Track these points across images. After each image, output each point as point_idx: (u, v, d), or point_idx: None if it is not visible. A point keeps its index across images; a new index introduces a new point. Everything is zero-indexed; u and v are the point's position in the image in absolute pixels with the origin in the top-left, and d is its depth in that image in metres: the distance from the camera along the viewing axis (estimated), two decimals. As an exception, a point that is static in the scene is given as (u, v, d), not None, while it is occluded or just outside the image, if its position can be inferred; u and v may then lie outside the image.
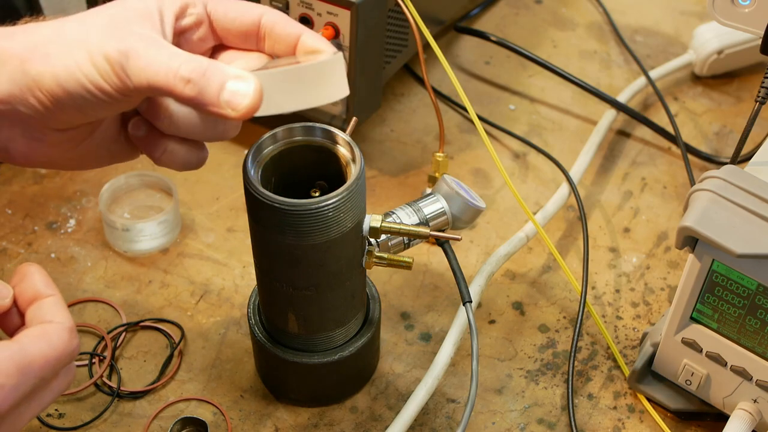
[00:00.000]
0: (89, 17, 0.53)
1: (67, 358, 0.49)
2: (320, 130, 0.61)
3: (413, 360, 0.74)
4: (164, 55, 0.51)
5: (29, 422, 0.50)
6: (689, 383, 0.68)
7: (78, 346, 0.50)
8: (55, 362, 0.49)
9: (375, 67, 0.82)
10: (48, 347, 0.48)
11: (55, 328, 0.49)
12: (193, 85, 0.50)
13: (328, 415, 0.70)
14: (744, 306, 0.62)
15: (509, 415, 0.70)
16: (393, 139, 0.92)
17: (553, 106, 0.97)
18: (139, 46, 0.51)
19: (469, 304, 0.64)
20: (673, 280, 0.80)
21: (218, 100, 0.51)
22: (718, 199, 0.60)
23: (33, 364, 0.48)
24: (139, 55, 0.50)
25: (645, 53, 1.04)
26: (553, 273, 0.81)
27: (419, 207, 0.67)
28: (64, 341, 0.49)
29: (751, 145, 0.88)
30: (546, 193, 0.87)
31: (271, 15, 0.56)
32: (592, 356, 0.75)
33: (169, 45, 0.52)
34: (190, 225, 0.83)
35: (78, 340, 0.50)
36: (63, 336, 0.49)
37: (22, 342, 0.48)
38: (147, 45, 0.51)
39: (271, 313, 0.66)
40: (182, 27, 0.56)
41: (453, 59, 1.02)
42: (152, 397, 0.71)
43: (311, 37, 0.56)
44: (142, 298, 0.77)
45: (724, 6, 0.67)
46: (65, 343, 0.49)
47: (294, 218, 0.57)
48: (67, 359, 0.49)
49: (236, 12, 0.57)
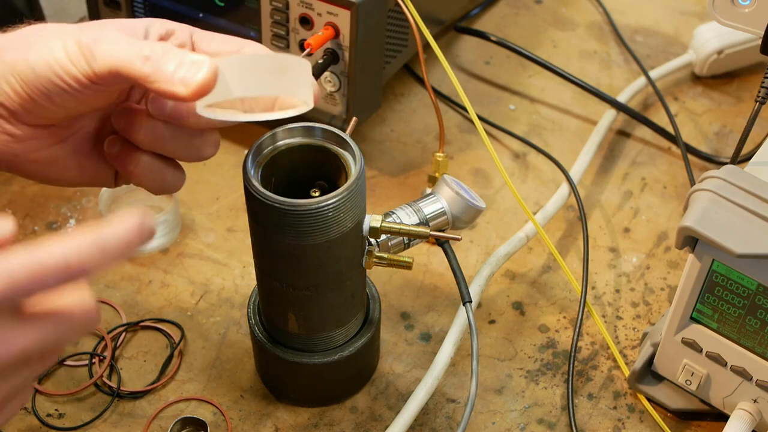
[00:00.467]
0: (75, 26, 0.55)
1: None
2: (320, 130, 0.61)
3: (413, 360, 0.74)
4: (132, 42, 0.52)
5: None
6: (689, 383, 0.68)
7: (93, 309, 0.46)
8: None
9: (375, 67, 0.82)
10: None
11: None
12: (151, 63, 0.51)
13: (328, 415, 0.70)
14: (744, 306, 0.62)
15: (509, 415, 0.70)
16: (393, 139, 0.92)
17: (553, 106, 0.97)
18: (111, 35, 0.52)
19: (469, 304, 0.64)
20: (673, 280, 0.80)
21: (172, 77, 0.51)
22: (718, 199, 0.60)
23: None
24: (107, 41, 0.51)
25: (645, 53, 1.04)
26: (553, 273, 0.81)
27: (419, 207, 0.67)
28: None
29: (751, 145, 0.88)
30: (546, 193, 0.87)
31: (251, 47, 0.58)
32: (592, 356, 0.75)
33: (141, 40, 0.53)
34: (190, 225, 0.83)
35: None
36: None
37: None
38: (119, 35, 0.52)
39: (271, 313, 0.66)
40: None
41: (453, 59, 1.02)
42: (152, 397, 0.71)
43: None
44: (142, 298, 0.77)
45: (724, 6, 0.67)
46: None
47: (294, 218, 0.57)
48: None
49: (218, 44, 0.58)
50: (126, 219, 0.45)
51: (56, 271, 0.42)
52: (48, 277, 0.42)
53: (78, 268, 0.43)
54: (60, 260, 0.43)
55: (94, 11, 0.90)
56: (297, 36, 0.79)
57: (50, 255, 0.43)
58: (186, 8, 0.85)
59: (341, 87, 0.80)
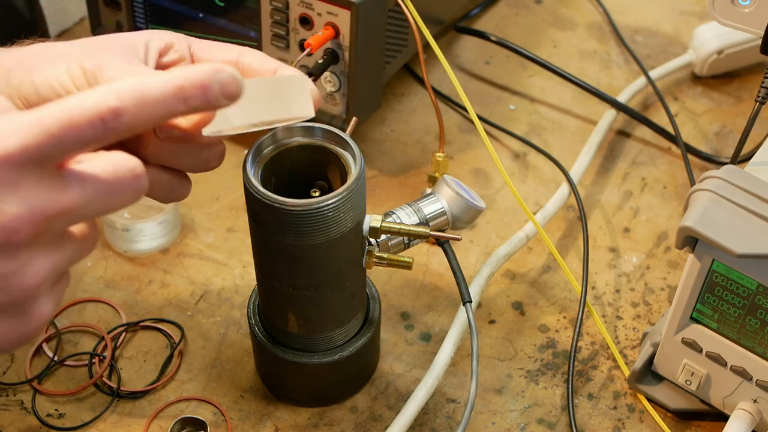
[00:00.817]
0: (79, 41, 0.55)
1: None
2: (320, 130, 0.61)
3: (413, 360, 0.74)
4: (134, 71, 0.52)
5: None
6: (689, 383, 0.68)
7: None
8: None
9: (375, 67, 0.82)
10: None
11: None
12: None
13: (328, 415, 0.70)
14: (744, 306, 0.62)
15: (509, 415, 0.70)
16: (393, 139, 0.92)
17: (553, 106, 0.97)
18: (114, 61, 0.52)
19: (469, 304, 0.64)
20: (673, 280, 0.80)
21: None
22: (718, 199, 0.60)
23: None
24: (111, 68, 0.52)
25: (645, 53, 1.04)
26: (553, 273, 0.81)
27: (419, 207, 0.67)
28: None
29: (751, 145, 0.88)
30: (546, 193, 0.87)
31: (249, 54, 0.58)
32: (592, 356, 0.75)
33: (144, 66, 0.54)
34: (190, 225, 0.83)
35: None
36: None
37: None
38: (122, 62, 0.53)
39: (271, 313, 0.66)
40: (165, 64, 0.58)
41: (453, 59, 1.02)
42: (152, 397, 0.71)
43: (285, 71, 0.58)
44: (142, 298, 0.77)
45: (724, 6, 0.67)
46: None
47: (294, 218, 0.57)
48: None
49: (217, 53, 0.59)
50: (172, 74, 0.44)
51: (91, 117, 0.42)
52: (83, 125, 0.41)
53: (112, 114, 0.42)
54: (93, 105, 0.42)
55: (94, 11, 0.90)
56: (297, 36, 0.79)
57: (82, 101, 0.42)
58: (186, 8, 0.85)
59: (341, 87, 0.80)
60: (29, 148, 0.41)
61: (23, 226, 0.42)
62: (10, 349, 0.46)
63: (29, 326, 0.46)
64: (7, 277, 0.43)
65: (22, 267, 0.43)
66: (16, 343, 0.46)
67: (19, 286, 0.44)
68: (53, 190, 0.43)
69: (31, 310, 0.45)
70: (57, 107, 0.42)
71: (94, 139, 0.42)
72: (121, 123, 0.42)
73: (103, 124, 0.42)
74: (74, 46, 0.54)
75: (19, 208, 0.41)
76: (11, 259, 0.43)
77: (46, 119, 0.41)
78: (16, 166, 0.41)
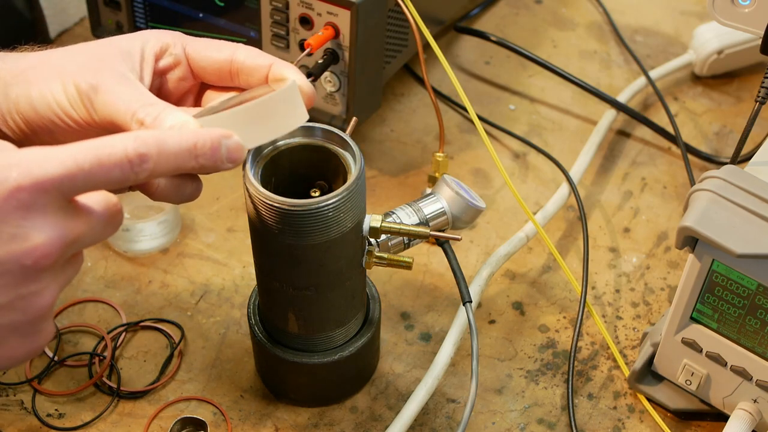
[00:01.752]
0: (74, 50, 0.56)
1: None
2: (320, 130, 0.61)
3: (413, 360, 0.74)
4: (128, 94, 0.53)
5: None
6: (689, 383, 0.68)
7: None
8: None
9: (375, 67, 0.82)
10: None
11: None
12: (145, 128, 0.53)
13: (328, 415, 0.70)
14: (744, 306, 0.62)
15: (509, 415, 0.70)
16: (393, 139, 0.92)
17: (553, 106, 0.97)
18: (109, 82, 0.54)
19: (469, 304, 0.64)
20: (673, 280, 0.80)
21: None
22: (718, 199, 0.60)
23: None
24: (106, 91, 0.53)
25: (645, 53, 1.04)
26: (553, 273, 0.81)
27: (419, 207, 0.67)
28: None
29: (751, 145, 0.88)
30: (546, 193, 0.87)
31: (243, 51, 0.59)
32: (592, 356, 0.75)
33: (138, 84, 0.55)
34: (190, 225, 0.83)
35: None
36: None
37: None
38: (116, 82, 0.54)
39: (271, 313, 0.66)
40: (162, 68, 0.59)
41: (453, 59, 1.02)
42: (152, 397, 0.71)
43: (279, 66, 0.58)
44: (142, 298, 0.77)
45: (724, 6, 0.67)
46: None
47: (294, 218, 0.57)
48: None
49: (211, 51, 0.59)
50: (186, 131, 0.49)
51: (120, 159, 0.46)
52: (111, 165, 0.45)
53: (139, 159, 0.46)
54: (123, 148, 0.46)
55: (94, 11, 0.90)
56: (297, 36, 0.79)
57: (113, 143, 0.46)
58: (186, 8, 0.85)
59: (341, 87, 0.80)
60: (62, 177, 0.44)
61: (52, 250, 0.45)
62: (15, 365, 0.49)
63: (38, 343, 0.48)
64: (27, 299, 0.46)
65: (42, 289, 0.46)
66: (23, 360, 0.48)
67: (37, 306, 0.46)
68: (70, 219, 0.46)
69: (40, 329, 0.48)
70: (91, 145, 0.45)
71: (119, 180, 0.46)
72: (144, 168, 0.47)
73: (131, 167, 0.46)
74: (71, 61, 0.55)
75: (48, 233, 0.45)
76: (35, 282, 0.46)
77: (80, 155, 0.45)
78: (46, 192, 0.44)
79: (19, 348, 0.48)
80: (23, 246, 0.44)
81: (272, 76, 0.58)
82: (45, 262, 0.45)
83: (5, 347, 0.47)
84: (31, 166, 0.44)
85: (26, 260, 0.44)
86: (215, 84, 0.61)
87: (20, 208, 0.44)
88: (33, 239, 0.44)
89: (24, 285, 0.45)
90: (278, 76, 0.58)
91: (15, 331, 0.47)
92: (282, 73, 0.58)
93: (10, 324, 0.46)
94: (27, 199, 0.44)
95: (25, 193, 0.44)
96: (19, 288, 0.45)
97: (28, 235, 0.44)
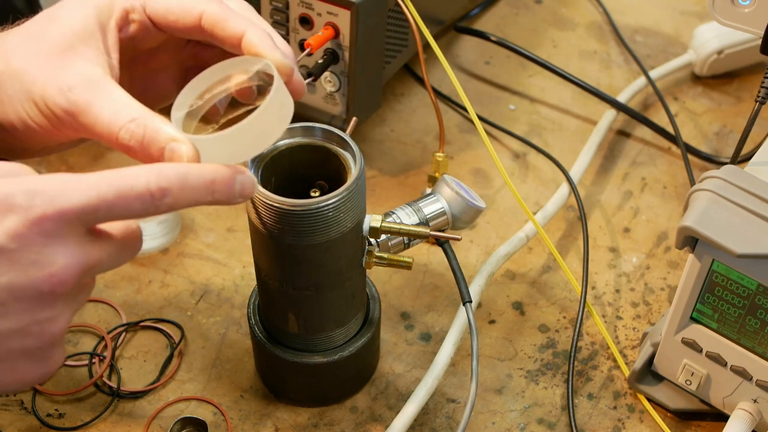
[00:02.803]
0: (32, 47, 0.53)
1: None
2: (320, 130, 0.61)
3: (413, 360, 0.74)
4: (105, 114, 0.51)
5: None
6: (689, 383, 0.68)
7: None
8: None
9: (375, 67, 0.82)
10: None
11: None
12: (133, 149, 0.51)
13: (328, 415, 0.70)
14: (744, 306, 0.62)
15: (509, 415, 0.70)
16: (393, 139, 0.92)
17: (553, 106, 0.97)
18: (82, 100, 0.51)
19: (469, 304, 0.64)
20: (673, 280, 0.80)
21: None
22: (718, 199, 0.60)
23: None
24: (81, 112, 0.51)
25: (645, 53, 1.04)
26: (553, 273, 0.81)
27: (419, 207, 0.67)
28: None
29: (751, 145, 0.88)
30: (546, 193, 0.87)
31: (210, 14, 0.54)
32: (592, 356, 0.75)
33: (114, 89, 0.52)
34: (190, 225, 0.83)
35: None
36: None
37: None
38: (90, 98, 0.51)
39: (271, 313, 0.66)
40: (128, 35, 0.56)
41: (453, 59, 1.02)
42: (152, 397, 0.71)
43: (254, 40, 0.54)
44: (142, 298, 0.77)
45: (724, 6, 0.67)
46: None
47: (294, 218, 0.57)
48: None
49: (175, 13, 0.55)
50: (205, 167, 0.49)
51: (142, 192, 0.46)
52: (133, 197, 0.46)
53: (160, 193, 0.46)
54: (145, 182, 0.46)
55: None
56: (297, 36, 0.79)
57: (136, 176, 0.46)
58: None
59: (341, 87, 0.80)
60: (86, 208, 0.45)
61: (69, 278, 0.45)
62: (23, 389, 0.51)
63: (48, 369, 0.48)
64: (43, 324, 0.46)
65: (57, 315, 0.46)
66: (32, 384, 0.49)
67: (50, 332, 0.47)
68: (89, 247, 0.46)
69: (52, 354, 0.48)
70: (113, 176, 0.46)
71: (139, 212, 0.46)
72: (165, 202, 0.47)
73: (152, 201, 0.46)
74: (34, 68, 0.52)
75: (67, 260, 0.45)
76: (51, 308, 0.46)
77: (103, 187, 0.45)
78: (69, 222, 0.45)
79: (30, 372, 0.48)
80: (42, 273, 0.44)
81: (247, 49, 0.54)
82: (62, 290, 0.45)
83: (16, 371, 0.47)
84: (54, 195, 0.44)
85: (44, 287, 0.45)
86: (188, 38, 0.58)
87: (42, 236, 0.44)
88: (53, 266, 0.45)
89: (40, 311, 0.45)
90: (253, 53, 0.54)
91: (27, 356, 0.47)
92: (258, 51, 0.54)
93: (22, 348, 0.46)
94: (50, 228, 0.44)
95: (49, 222, 0.44)
96: (36, 313, 0.45)
97: (48, 262, 0.44)
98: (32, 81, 0.52)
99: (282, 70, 0.53)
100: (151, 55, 0.60)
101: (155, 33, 0.57)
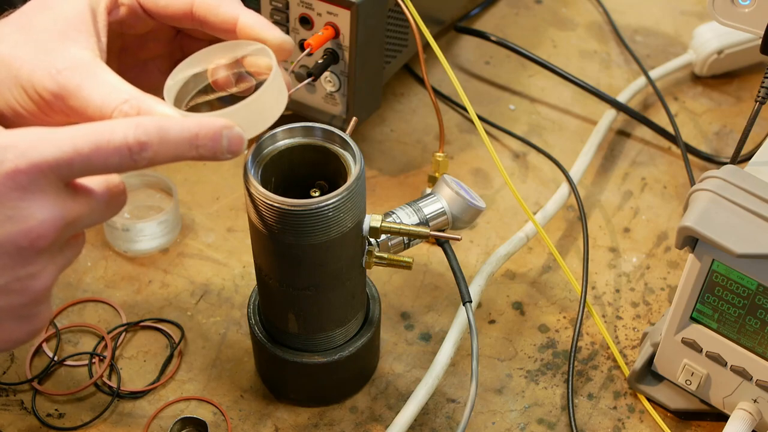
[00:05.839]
0: (23, 35, 0.53)
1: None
2: (320, 130, 0.61)
3: (413, 360, 0.74)
4: (97, 95, 0.51)
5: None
6: (689, 383, 0.68)
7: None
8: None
9: (375, 67, 0.82)
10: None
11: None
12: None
13: (328, 415, 0.70)
14: (744, 306, 0.62)
15: (509, 415, 0.70)
16: (393, 139, 0.92)
17: (553, 106, 0.97)
18: (71, 82, 0.51)
19: (469, 304, 0.64)
20: (673, 280, 0.80)
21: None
22: (718, 199, 0.60)
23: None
24: (76, 96, 0.51)
25: (645, 53, 1.04)
26: (553, 273, 0.81)
27: (419, 207, 0.67)
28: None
29: (751, 145, 0.88)
30: (546, 193, 0.87)
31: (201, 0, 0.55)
32: (592, 356, 0.75)
33: (104, 72, 0.51)
34: (190, 225, 0.83)
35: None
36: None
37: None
38: (81, 81, 0.51)
39: (271, 313, 0.66)
40: (117, 19, 0.56)
41: (453, 59, 1.02)
42: (152, 397, 0.71)
43: (249, 23, 0.54)
44: (142, 298, 0.77)
45: (724, 6, 0.67)
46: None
47: (294, 218, 0.57)
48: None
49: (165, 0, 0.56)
50: (188, 120, 0.47)
51: (119, 146, 0.45)
52: (110, 151, 0.45)
53: (138, 147, 0.45)
54: (123, 135, 0.45)
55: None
56: (297, 36, 0.79)
57: (113, 129, 0.45)
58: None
59: (341, 87, 0.80)
60: (59, 161, 0.44)
61: (47, 232, 0.44)
62: (12, 348, 0.49)
63: (35, 327, 0.48)
64: (24, 281, 0.45)
65: (39, 271, 0.46)
66: (20, 343, 0.48)
67: (34, 288, 0.46)
68: (69, 201, 0.45)
69: (38, 312, 0.47)
70: (90, 129, 0.45)
71: (117, 167, 0.45)
72: (143, 156, 0.46)
73: (130, 155, 0.45)
74: (25, 54, 0.52)
75: (44, 214, 0.44)
76: (32, 264, 0.45)
77: (79, 139, 0.44)
78: (44, 175, 0.44)
79: (16, 331, 0.47)
80: (20, 227, 0.44)
81: (242, 33, 0.55)
82: (41, 243, 0.45)
83: (3, 330, 0.47)
84: (27, 149, 0.43)
85: (23, 241, 0.44)
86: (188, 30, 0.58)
87: (17, 190, 0.43)
88: (29, 220, 0.44)
89: (21, 267, 0.45)
90: (250, 37, 0.55)
91: (12, 314, 0.46)
92: (255, 35, 0.54)
93: (7, 306, 0.46)
94: (24, 181, 0.43)
95: (23, 175, 0.43)
96: (17, 270, 0.45)
97: (24, 217, 0.44)
98: (20, 66, 0.52)
99: (284, 47, 0.54)
100: (140, 45, 0.60)
101: (145, 18, 0.57)
